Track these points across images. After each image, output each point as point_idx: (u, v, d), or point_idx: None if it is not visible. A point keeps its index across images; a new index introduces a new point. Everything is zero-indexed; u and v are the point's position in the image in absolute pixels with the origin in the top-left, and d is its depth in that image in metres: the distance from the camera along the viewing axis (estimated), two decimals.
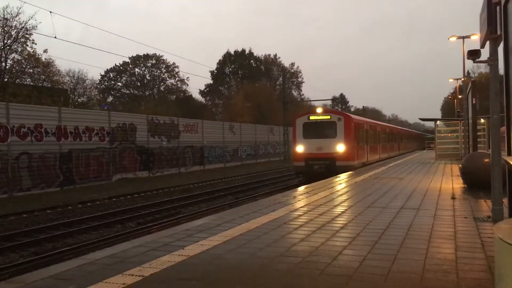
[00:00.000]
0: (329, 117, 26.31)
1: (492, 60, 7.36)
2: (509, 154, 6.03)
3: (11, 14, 39.74)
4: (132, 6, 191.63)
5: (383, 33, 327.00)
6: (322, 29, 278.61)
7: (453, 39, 38.27)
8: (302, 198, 11.91)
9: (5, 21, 39.59)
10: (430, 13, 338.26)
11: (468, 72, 40.73)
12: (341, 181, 16.98)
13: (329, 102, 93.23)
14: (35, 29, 39.85)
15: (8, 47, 40.66)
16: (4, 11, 40.22)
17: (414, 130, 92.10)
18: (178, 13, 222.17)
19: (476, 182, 12.79)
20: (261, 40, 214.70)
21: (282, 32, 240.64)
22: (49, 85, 45.38)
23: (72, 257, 9.75)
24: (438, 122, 34.49)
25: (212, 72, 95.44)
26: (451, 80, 60.17)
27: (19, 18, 40.16)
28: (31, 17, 43.83)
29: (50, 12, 27.17)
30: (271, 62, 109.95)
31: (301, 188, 14.98)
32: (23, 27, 39.73)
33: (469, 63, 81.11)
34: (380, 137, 36.58)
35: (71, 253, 11.46)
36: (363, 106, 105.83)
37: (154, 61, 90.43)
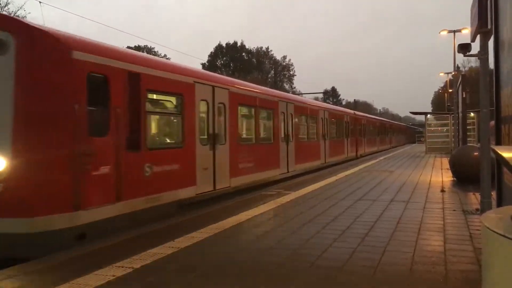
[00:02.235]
0: None
1: (482, 54, 7.39)
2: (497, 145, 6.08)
3: (0, 4, 39.23)
4: None
5: (379, 27, 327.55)
6: (319, 23, 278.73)
7: (444, 33, 38.40)
8: (293, 191, 11.93)
9: None
10: (426, 8, 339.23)
11: (458, 67, 40.93)
12: (332, 174, 17.04)
13: (321, 96, 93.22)
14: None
15: None
16: None
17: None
18: (175, 5, 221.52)
19: (465, 176, 12.90)
20: (258, 33, 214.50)
21: (279, 25, 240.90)
22: None
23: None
24: (428, 116, 34.65)
25: (203, 65, 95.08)
26: (441, 74, 60.52)
27: (8, 8, 39.69)
28: (20, 7, 43.27)
29: (40, 2, 26.81)
30: (263, 55, 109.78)
31: (292, 181, 15.01)
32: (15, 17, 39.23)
33: (460, 57, 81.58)
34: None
35: None
36: (354, 100, 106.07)
37: (145, 53, 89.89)
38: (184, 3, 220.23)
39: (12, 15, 38.27)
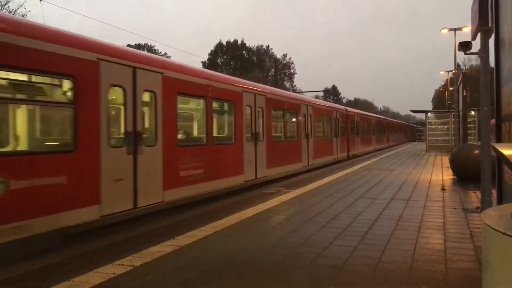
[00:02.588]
0: None
1: (483, 52, 7.37)
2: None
3: (0, 2, 39.21)
4: None
5: (380, 25, 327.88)
6: (322, 20, 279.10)
7: (445, 31, 38.36)
8: (293, 189, 11.92)
9: None
10: (428, 5, 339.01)
11: (458, 65, 40.84)
12: (332, 172, 17.01)
13: (321, 94, 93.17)
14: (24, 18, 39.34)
15: None
16: None
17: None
18: (176, 4, 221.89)
19: (466, 174, 12.89)
20: (258, 31, 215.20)
21: (280, 23, 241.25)
22: None
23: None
24: (429, 114, 34.62)
25: (203, 63, 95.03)
26: (442, 72, 60.47)
27: (8, 7, 39.67)
28: (21, 6, 43.31)
29: (40, 0, 26.77)
30: (263, 53, 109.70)
31: (292, 179, 15.00)
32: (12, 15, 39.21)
33: (461, 56, 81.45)
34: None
35: None
36: (355, 98, 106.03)
37: (145, 51, 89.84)
38: (185, 2, 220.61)
39: (12, 13, 38.27)
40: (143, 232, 7.35)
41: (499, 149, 2.48)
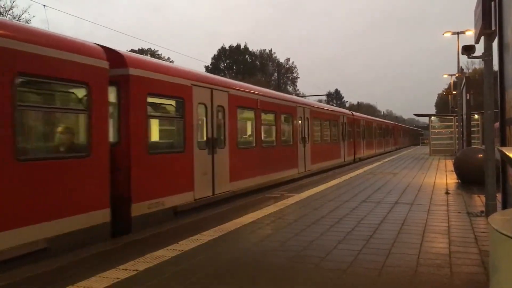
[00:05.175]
0: None
1: (486, 55, 7.37)
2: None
3: (4, 7, 39.46)
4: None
5: (384, 29, 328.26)
6: (329, 23, 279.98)
7: (448, 34, 38.37)
8: (297, 192, 11.91)
9: None
10: (434, 8, 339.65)
11: (462, 68, 40.78)
12: (336, 175, 16.99)
13: (324, 98, 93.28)
14: (28, 23, 39.56)
15: None
16: None
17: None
18: (186, 5, 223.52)
19: (469, 178, 12.85)
20: (263, 34, 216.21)
21: (285, 27, 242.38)
22: None
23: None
24: (432, 118, 34.57)
25: (207, 67, 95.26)
26: (445, 76, 60.52)
27: (12, 12, 39.91)
28: (25, 11, 43.52)
29: (44, 6, 26.92)
30: (266, 57, 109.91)
31: (296, 183, 14.98)
32: (16, 21, 39.44)
33: (464, 59, 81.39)
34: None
35: None
36: (358, 102, 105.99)
37: (148, 56, 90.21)
38: (190, 7, 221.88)
39: (16, 19, 38.51)
40: (147, 236, 7.34)
41: (506, 153, 2.47)
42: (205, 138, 11.40)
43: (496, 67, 6.70)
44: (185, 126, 10.39)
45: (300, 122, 18.79)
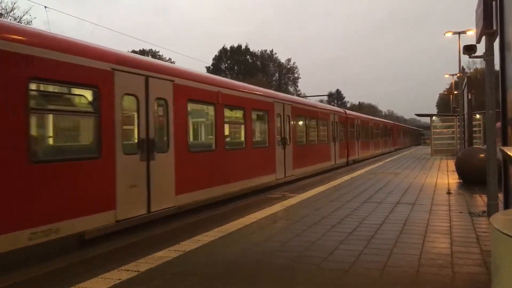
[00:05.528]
0: None
1: (488, 55, 7.35)
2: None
3: (6, 9, 39.51)
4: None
5: (384, 31, 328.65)
6: (330, 24, 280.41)
7: (449, 34, 38.32)
8: (298, 193, 11.90)
9: None
10: (436, 10, 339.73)
11: (463, 68, 40.71)
12: (337, 176, 16.98)
13: (325, 98, 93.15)
14: (30, 25, 39.62)
15: None
16: None
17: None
18: (191, 6, 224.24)
19: (471, 177, 12.82)
20: (266, 34, 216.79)
21: (289, 26, 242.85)
22: None
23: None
24: (434, 117, 34.53)
25: (208, 68, 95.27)
26: (447, 75, 60.39)
27: (13, 13, 39.95)
28: (26, 12, 43.60)
29: (45, 7, 26.95)
30: (267, 58, 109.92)
31: (297, 183, 14.97)
32: (18, 22, 39.51)
33: (465, 59, 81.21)
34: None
35: None
36: (359, 102, 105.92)
37: (149, 57, 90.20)
38: (193, 8, 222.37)
39: (18, 20, 38.53)
40: (148, 237, 7.35)
41: (508, 152, 2.46)
42: (135, 140, 9.15)
43: (497, 66, 6.68)
44: (100, 124, 8.07)
45: (279, 120, 16.66)
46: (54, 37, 7.82)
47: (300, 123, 19.52)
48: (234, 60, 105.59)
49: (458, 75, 41.30)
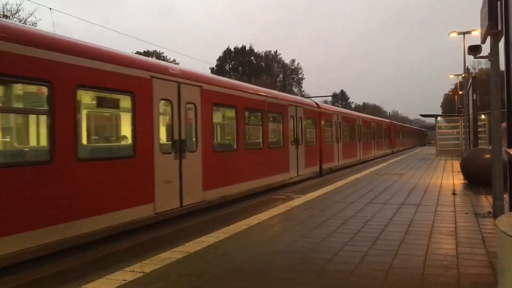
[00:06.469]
0: None
1: (493, 55, 7.33)
2: (509, 148, 6.02)
3: (11, 11, 39.69)
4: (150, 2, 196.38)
5: (395, 30, 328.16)
6: (336, 25, 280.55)
7: (454, 34, 38.21)
8: (303, 194, 11.89)
9: (4, 18, 39.54)
10: (442, 10, 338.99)
11: (468, 68, 40.58)
12: (341, 177, 16.96)
13: (330, 99, 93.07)
14: (34, 26, 39.79)
15: None
16: (3, 8, 40.18)
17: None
18: (195, 7, 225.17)
19: (476, 178, 12.77)
20: (274, 34, 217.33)
21: (295, 27, 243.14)
22: None
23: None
24: (438, 118, 34.42)
25: (212, 69, 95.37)
26: (451, 76, 60.21)
27: (18, 15, 40.12)
28: (31, 14, 43.72)
29: (50, 9, 27.10)
30: (271, 59, 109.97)
31: (302, 184, 14.96)
32: (23, 24, 39.69)
33: (470, 59, 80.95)
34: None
35: None
36: (364, 103, 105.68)
37: (154, 58, 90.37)
38: (197, 10, 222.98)
39: (23, 22, 38.74)
40: (153, 238, 7.37)
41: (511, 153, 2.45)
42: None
43: (502, 66, 6.66)
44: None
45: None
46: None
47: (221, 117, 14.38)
48: (238, 61, 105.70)
49: (463, 75, 41.19)
